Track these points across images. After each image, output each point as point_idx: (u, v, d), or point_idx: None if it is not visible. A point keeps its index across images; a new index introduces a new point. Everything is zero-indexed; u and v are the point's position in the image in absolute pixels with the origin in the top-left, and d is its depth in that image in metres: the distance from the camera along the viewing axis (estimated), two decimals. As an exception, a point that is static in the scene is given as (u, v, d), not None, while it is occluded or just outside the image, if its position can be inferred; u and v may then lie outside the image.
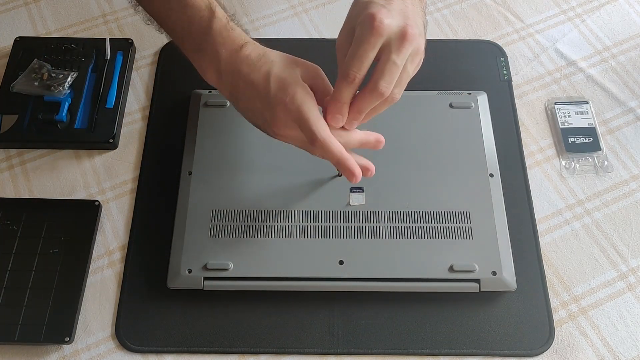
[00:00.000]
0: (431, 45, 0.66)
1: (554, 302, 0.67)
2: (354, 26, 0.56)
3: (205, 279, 0.65)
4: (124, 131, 0.77)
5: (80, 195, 0.73)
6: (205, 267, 0.65)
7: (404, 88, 0.57)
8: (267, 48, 0.61)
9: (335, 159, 0.57)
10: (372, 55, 0.54)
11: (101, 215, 0.71)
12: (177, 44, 0.64)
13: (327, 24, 0.86)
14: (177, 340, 0.65)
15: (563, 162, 0.75)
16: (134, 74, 0.82)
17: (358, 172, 0.58)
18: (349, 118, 0.58)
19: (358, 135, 0.60)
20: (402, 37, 0.54)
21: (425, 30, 0.59)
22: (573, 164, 0.75)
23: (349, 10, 0.59)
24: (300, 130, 0.57)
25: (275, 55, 0.59)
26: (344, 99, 0.56)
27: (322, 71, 0.60)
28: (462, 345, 0.64)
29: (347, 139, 0.59)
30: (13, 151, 0.76)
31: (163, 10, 0.63)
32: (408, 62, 0.56)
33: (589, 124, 0.77)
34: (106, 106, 0.77)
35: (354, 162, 0.58)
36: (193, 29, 0.61)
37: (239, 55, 0.59)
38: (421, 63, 0.58)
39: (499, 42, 0.85)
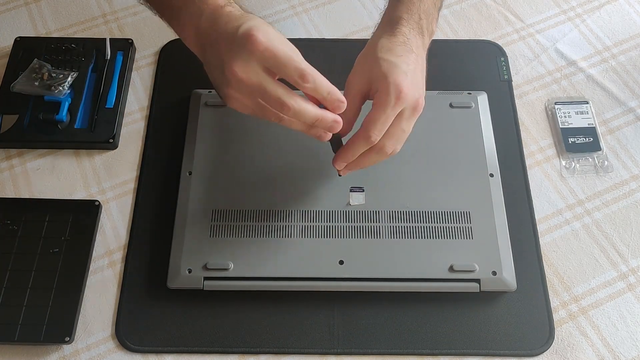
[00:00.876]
0: (431, 45, 0.66)
1: (554, 302, 0.67)
2: (371, 79, 0.60)
3: (206, 279, 0.65)
4: (124, 131, 0.77)
5: (80, 195, 0.73)
6: (205, 267, 0.65)
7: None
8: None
9: (326, 90, 0.55)
10: (391, 120, 0.59)
11: (101, 215, 0.71)
12: (156, 10, 0.64)
13: (327, 24, 0.86)
14: (177, 340, 0.65)
15: (563, 162, 0.75)
16: (134, 74, 0.82)
17: (342, 97, 0.57)
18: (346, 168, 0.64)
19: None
20: (414, 108, 0.60)
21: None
22: (573, 164, 0.75)
23: (363, 55, 0.62)
24: (263, 71, 0.53)
25: (260, 19, 0.57)
26: (357, 154, 0.61)
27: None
28: (462, 345, 0.64)
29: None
30: (13, 151, 0.76)
31: None
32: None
33: (589, 124, 0.77)
34: (106, 106, 0.77)
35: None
36: None
37: (221, 11, 0.57)
38: None
39: (499, 42, 0.85)
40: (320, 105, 0.57)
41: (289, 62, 0.53)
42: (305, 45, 0.84)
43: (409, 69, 0.59)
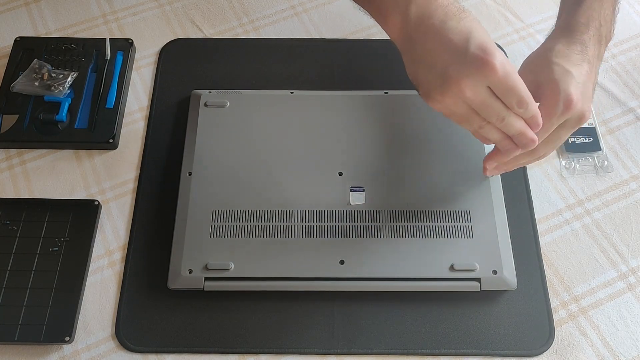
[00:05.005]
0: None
1: (554, 302, 0.67)
2: (540, 82, 0.59)
3: (206, 279, 0.65)
4: (124, 131, 0.77)
5: (80, 195, 0.73)
6: (205, 268, 0.65)
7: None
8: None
9: (531, 114, 0.56)
10: (554, 128, 0.59)
11: (101, 215, 0.71)
12: None
13: (327, 24, 0.86)
14: (177, 340, 0.65)
15: (563, 162, 0.75)
16: (134, 74, 0.82)
17: (541, 119, 0.57)
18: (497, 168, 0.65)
19: None
20: (579, 119, 0.59)
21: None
22: (573, 164, 0.75)
23: (534, 57, 0.62)
24: (488, 90, 0.54)
25: (474, 17, 0.56)
26: (513, 156, 0.61)
27: None
28: (462, 345, 0.64)
29: None
30: (13, 151, 0.76)
31: None
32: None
33: (589, 124, 0.77)
34: (106, 106, 0.77)
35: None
36: None
37: (435, 3, 0.55)
38: None
39: (499, 42, 0.85)
40: None
41: (516, 92, 0.54)
42: (305, 45, 0.85)
43: (581, 79, 0.58)
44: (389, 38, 0.61)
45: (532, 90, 0.58)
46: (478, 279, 0.65)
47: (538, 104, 0.57)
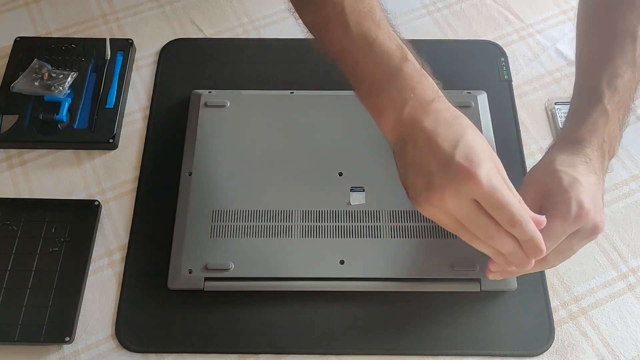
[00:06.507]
0: (431, 45, 0.66)
1: (554, 302, 0.67)
2: (547, 192, 0.57)
3: (206, 279, 0.65)
4: (124, 131, 0.77)
5: (80, 195, 0.73)
6: (206, 268, 0.65)
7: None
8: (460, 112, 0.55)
9: (529, 237, 0.51)
10: (565, 237, 0.55)
11: (101, 215, 0.71)
12: (346, 76, 0.57)
13: (327, 24, 0.86)
14: (177, 340, 0.65)
15: (563, 162, 0.75)
16: (134, 74, 0.82)
17: (543, 246, 0.53)
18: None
19: None
20: (592, 230, 0.56)
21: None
22: (573, 164, 0.75)
23: (536, 169, 0.59)
24: (474, 203, 0.50)
25: (470, 123, 0.53)
26: (525, 265, 0.55)
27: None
28: (462, 345, 0.64)
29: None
30: (13, 151, 0.76)
31: (342, 44, 0.56)
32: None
33: (589, 124, 0.77)
34: (106, 106, 0.77)
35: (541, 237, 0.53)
36: (380, 68, 0.54)
37: (429, 107, 0.52)
38: None
39: (499, 42, 0.85)
40: None
41: (505, 209, 0.50)
42: (305, 46, 0.84)
43: (591, 188, 0.56)
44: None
45: (540, 200, 0.56)
46: (478, 279, 0.65)
47: (544, 217, 0.52)
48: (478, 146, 0.51)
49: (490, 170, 0.50)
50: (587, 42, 0.66)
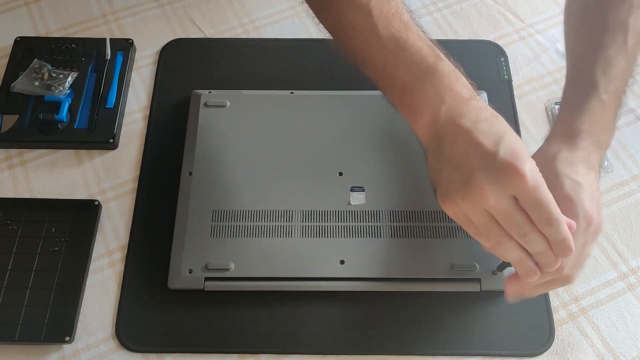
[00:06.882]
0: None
1: (554, 302, 0.67)
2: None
3: (206, 279, 0.65)
4: (124, 131, 0.77)
5: (80, 195, 0.73)
6: (206, 268, 0.65)
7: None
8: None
9: (562, 237, 0.51)
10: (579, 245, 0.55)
11: (101, 215, 0.71)
12: (374, 79, 0.57)
13: (327, 24, 0.86)
14: (177, 340, 0.65)
15: (563, 162, 0.75)
16: (134, 74, 0.82)
17: (573, 246, 0.53)
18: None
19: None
20: (595, 232, 0.56)
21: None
22: (573, 164, 0.75)
23: (539, 161, 0.56)
24: (513, 199, 0.50)
25: (507, 124, 0.53)
26: (541, 281, 0.55)
27: None
28: (462, 345, 0.64)
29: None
30: (13, 151, 0.76)
31: (370, 47, 0.56)
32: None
33: (589, 124, 0.77)
34: (106, 106, 0.77)
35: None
36: (413, 69, 0.54)
37: (467, 105, 0.52)
38: None
39: (499, 42, 0.85)
40: None
41: (545, 207, 0.50)
42: (305, 45, 0.85)
43: (592, 190, 0.56)
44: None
45: None
46: (478, 279, 0.65)
47: (574, 222, 0.53)
48: (520, 144, 0.51)
49: (534, 168, 0.50)
50: (578, 34, 0.66)
